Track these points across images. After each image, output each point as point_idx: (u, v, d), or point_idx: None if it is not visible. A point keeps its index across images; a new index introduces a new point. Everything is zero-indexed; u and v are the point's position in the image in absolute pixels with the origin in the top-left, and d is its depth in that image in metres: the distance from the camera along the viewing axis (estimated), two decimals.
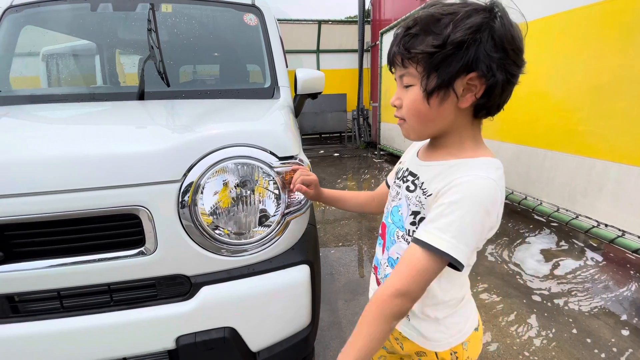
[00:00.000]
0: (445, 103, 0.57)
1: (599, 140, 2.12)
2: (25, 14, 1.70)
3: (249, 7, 1.73)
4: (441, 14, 0.54)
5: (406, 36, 0.57)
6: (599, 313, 1.80)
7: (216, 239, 0.86)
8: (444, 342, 0.68)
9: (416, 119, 0.60)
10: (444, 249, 0.53)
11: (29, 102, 1.42)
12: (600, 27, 2.08)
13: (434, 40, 0.54)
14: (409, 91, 0.59)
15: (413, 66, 0.57)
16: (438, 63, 0.54)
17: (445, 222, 0.54)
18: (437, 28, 0.54)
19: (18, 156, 0.77)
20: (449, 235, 0.53)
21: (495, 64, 0.53)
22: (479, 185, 0.54)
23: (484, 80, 0.54)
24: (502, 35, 0.52)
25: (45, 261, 0.78)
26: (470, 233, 0.54)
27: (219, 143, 0.85)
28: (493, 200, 0.54)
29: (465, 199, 0.54)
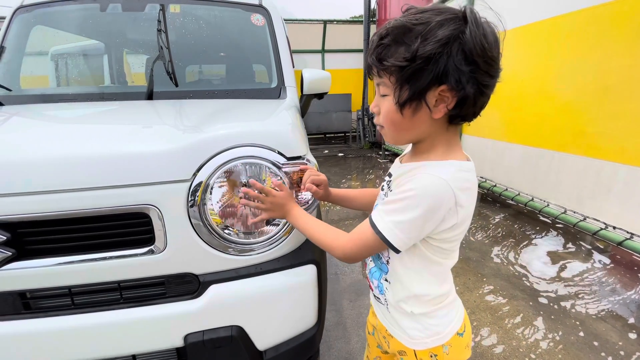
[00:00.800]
0: (418, 113, 0.58)
1: (608, 142, 2.10)
2: (35, 14, 1.72)
3: (256, 8, 1.73)
4: (413, 24, 0.53)
5: (379, 46, 0.57)
6: (606, 316, 1.79)
7: (224, 237, 0.87)
8: (420, 341, 0.69)
9: (391, 127, 0.62)
10: (380, 229, 0.60)
11: (40, 101, 1.44)
12: (609, 27, 2.06)
13: (405, 53, 0.54)
14: (385, 100, 0.61)
15: (386, 77, 0.58)
16: (409, 76, 0.54)
17: (391, 207, 0.60)
18: (409, 39, 0.53)
19: (31, 155, 0.78)
20: (389, 218, 0.60)
21: (465, 76, 0.52)
22: (427, 182, 0.57)
23: (454, 93, 0.54)
24: (472, 47, 0.51)
25: (56, 258, 0.79)
26: (409, 224, 0.58)
27: (228, 143, 0.86)
28: (439, 198, 0.56)
29: (412, 191, 0.57)
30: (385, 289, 0.71)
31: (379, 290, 0.73)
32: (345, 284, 2.13)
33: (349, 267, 2.35)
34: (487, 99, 0.58)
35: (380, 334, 0.79)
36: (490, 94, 0.57)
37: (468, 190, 0.59)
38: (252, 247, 0.91)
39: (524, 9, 2.67)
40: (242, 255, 0.90)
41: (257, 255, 0.92)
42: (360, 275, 2.26)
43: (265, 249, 0.92)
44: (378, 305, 0.77)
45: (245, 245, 0.90)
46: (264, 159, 0.88)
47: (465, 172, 0.60)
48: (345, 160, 6.33)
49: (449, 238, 0.62)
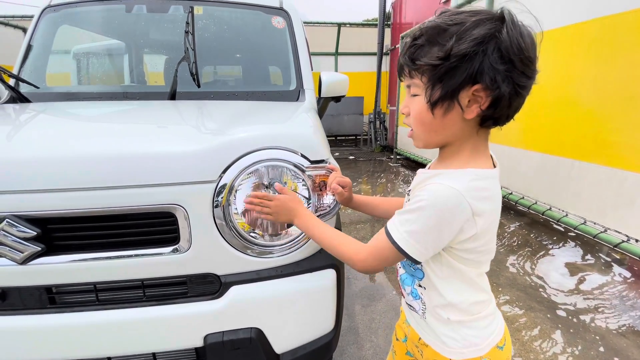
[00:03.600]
0: (449, 113, 0.57)
1: (632, 152, 2.03)
2: (62, 14, 1.76)
3: (277, 10, 1.74)
4: (447, 24, 0.53)
5: (412, 47, 0.57)
6: (626, 331, 1.73)
7: (247, 239, 0.87)
8: (456, 350, 0.67)
9: (421, 128, 0.61)
10: (396, 239, 0.60)
11: (65, 99, 1.47)
12: (635, 35, 2.01)
13: (438, 52, 0.53)
14: (415, 100, 0.60)
15: (418, 77, 0.58)
16: (442, 75, 0.54)
17: (406, 217, 0.60)
18: (443, 39, 0.53)
19: (62, 153, 0.79)
20: (403, 229, 0.59)
21: (500, 75, 0.52)
22: (438, 192, 0.56)
23: (489, 92, 0.53)
24: (508, 46, 0.51)
25: (83, 255, 0.81)
26: (423, 234, 0.58)
27: (253, 146, 0.86)
28: (451, 208, 0.56)
29: (423, 201, 0.57)
30: (420, 294, 0.70)
31: (413, 295, 0.71)
32: (357, 288, 2.12)
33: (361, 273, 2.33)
34: (523, 101, 0.56)
35: (412, 343, 0.76)
36: (526, 95, 0.56)
37: (487, 199, 0.58)
38: (272, 249, 0.91)
39: (547, 15, 2.63)
40: (262, 258, 0.90)
41: (277, 258, 0.92)
42: (372, 281, 2.24)
43: (285, 252, 0.92)
44: (411, 313, 0.75)
45: (266, 248, 0.90)
46: (288, 162, 0.88)
47: (482, 180, 0.58)
48: (356, 164, 6.31)
49: (472, 248, 0.61)
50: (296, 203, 0.80)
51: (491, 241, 0.63)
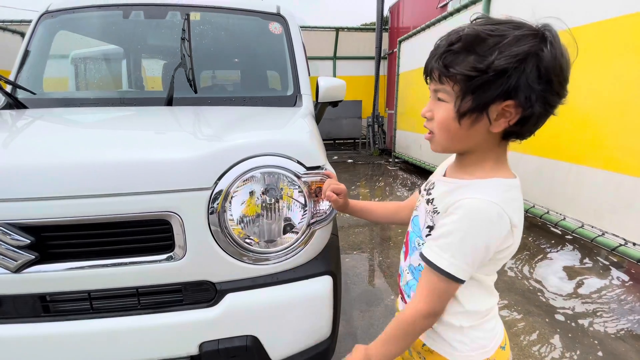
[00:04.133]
0: (476, 125, 0.56)
1: (629, 156, 2.04)
2: (60, 20, 1.76)
3: (274, 16, 1.75)
4: (488, 35, 0.51)
5: (447, 52, 0.55)
6: (625, 336, 1.73)
7: (242, 245, 0.87)
8: (465, 354, 0.66)
9: (445, 135, 0.60)
10: (444, 267, 0.56)
11: (62, 105, 1.47)
12: (630, 39, 2.02)
13: (475, 63, 0.52)
14: (442, 106, 0.59)
15: (450, 84, 0.56)
16: (476, 87, 0.53)
17: (445, 242, 0.57)
18: (481, 49, 0.52)
19: (56, 160, 0.79)
20: (448, 254, 0.56)
21: (535, 95, 0.51)
22: (478, 207, 0.55)
23: (520, 110, 0.53)
24: (549, 66, 0.50)
25: (78, 263, 0.80)
26: (469, 253, 0.56)
27: (248, 152, 0.86)
28: (492, 222, 0.55)
29: (464, 220, 0.55)
30: None
31: None
32: (355, 293, 2.11)
33: (359, 277, 2.33)
34: (547, 119, 0.56)
35: (414, 350, 0.75)
36: (552, 114, 0.56)
37: (519, 209, 0.58)
38: (268, 256, 0.90)
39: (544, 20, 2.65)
40: (258, 265, 0.90)
41: (273, 265, 0.91)
42: (371, 286, 2.24)
43: (281, 259, 0.91)
44: None
45: (261, 255, 0.90)
46: (284, 169, 0.88)
47: (513, 190, 0.58)
48: (354, 167, 6.32)
49: (503, 257, 0.61)
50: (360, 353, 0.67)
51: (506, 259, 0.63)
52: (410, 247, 0.72)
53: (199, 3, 1.71)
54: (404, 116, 5.94)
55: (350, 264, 2.52)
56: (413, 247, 0.70)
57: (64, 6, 1.74)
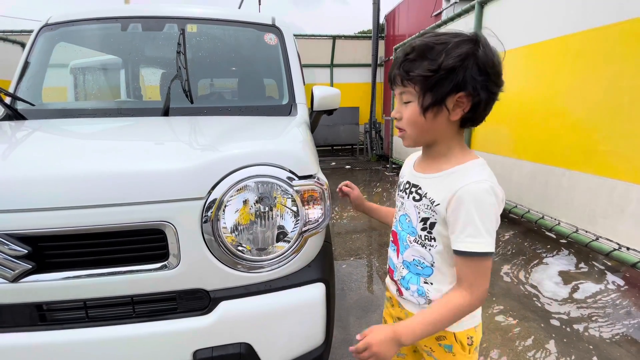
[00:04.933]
0: (438, 117, 0.68)
1: (620, 161, 2.07)
2: (60, 32, 1.80)
3: (269, 27, 1.79)
4: (435, 43, 0.65)
5: (405, 61, 0.68)
6: (620, 340, 1.73)
7: (235, 254, 0.88)
8: (459, 323, 0.74)
9: (414, 129, 0.72)
10: (484, 249, 0.65)
11: (61, 115, 1.49)
12: (619, 46, 2.07)
13: (429, 65, 0.64)
14: (408, 106, 0.71)
15: (411, 86, 0.68)
16: (433, 84, 0.65)
17: (472, 229, 0.65)
18: (432, 55, 0.64)
19: (52, 172, 0.81)
20: (481, 238, 0.65)
21: (479, 85, 0.64)
22: (479, 190, 0.66)
23: (470, 98, 0.66)
24: (485, 62, 0.64)
25: (74, 272, 0.82)
26: (492, 227, 0.66)
27: (242, 162, 0.88)
28: (491, 196, 0.66)
29: (475, 204, 0.65)
30: (427, 290, 0.76)
31: (419, 293, 0.77)
32: (352, 300, 2.11)
33: (356, 284, 2.33)
34: (493, 105, 0.70)
35: None
36: (496, 100, 0.69)
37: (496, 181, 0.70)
38: (261, 264, 0.92)
39: (534, 28, 2.70)
40: (252, 272, 0.92)
41: (266, 273, 0.93)
42: (367, 292, 2.24)
43: (274, 267, 0.93)
44: (411, 305, 0.80)
45: (255, 263, 0.91)
46: (277, 178, 0.90)
47: (486, 166, 0.71)
48: (352, 173, 6.34)
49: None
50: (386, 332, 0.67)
51: None
52: (402, 245, 0.80)
53: (196, 15, 1.75)
54: None
55: (347, 271, 2.53)
56: (404, 244, 0.79)
57: (64, 19, 1.78)
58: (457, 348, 0.77)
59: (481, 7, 3.29)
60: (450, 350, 0.77)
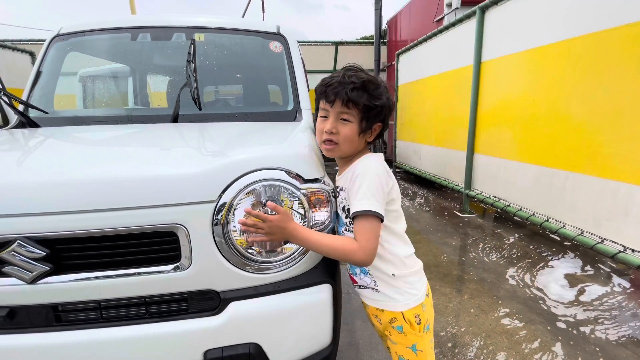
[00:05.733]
0: (362, 137, 0.92)
1: (623, 163, 2.08)
2: (71, 42, 1.85)
3: (274, 35, 1.83)
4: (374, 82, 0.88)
5: (353, 89, 0.85)
6: (627, 342, 1.73)
7: (244, 255, 0.91)
8: (404, 303, 0.90)
9: (349, 145, 0.91)
10: (368, 207, 0.81)
11: (73, 123, 1.54)
12: (621, 50, 2.09)
13: (370, 99, 0.86)
14: (347, 125, 0.89)
15: (355, 110, 0.87)
16: (372, 114, 0.88)
17: (361, 193, 0.83)
18: (372, 90, 0.87)
19: (69, 177, 0.84)
20: (366, 199, 0.82)
21: (387, 119, 0.93)
22: (367, 164, 0.88)
23: (381, 126, 0.94)
24: (391, 104, 0.92)
25: (89, 273, 0.84)
26: (378, 192, 0.83)
27: (250, 166, 0.91)
28: (380, 170, 0.87)
29: (364, 175, 0.84)
30: (367, 269, 0.94)
31: (364, 272, 0.95)
32: (357, 303, 2.12)
33: None
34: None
35: (372, 315, 0.98)
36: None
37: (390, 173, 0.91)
38: (269, 265, 0.94)
39: (535, 32, 2.73)
40: (260, 274, 0.94)
41: (274, 274, 0.95)
42: None
43: (282, 268, 0.95)
44: (365, 292, 0.97)
45: (263, 264, 0.93)
46: (284, 181, 0.92)
47: (381, 156, 0.94)
48: None
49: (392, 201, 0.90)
50: (288, 222, 0.84)
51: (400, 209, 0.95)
52: None
53: (204, 25, 1.80)
54: (404, 127, 6.01)
55: None
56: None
57: (75, 29, 1.83)
58: (406, 327, 0.91)
59: (482, 12, 3.33)
60: (402, 331, 0.91)
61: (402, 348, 0.93)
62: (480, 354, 1.66)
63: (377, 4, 7.15)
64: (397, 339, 0.93)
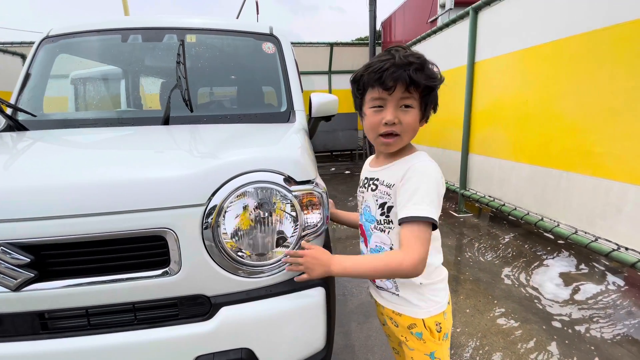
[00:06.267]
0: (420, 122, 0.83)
1: (616, 162, 2.09)
2: (60, 44, 1.83)
3: (267, 37, 1.82)
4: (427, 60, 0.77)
5: (416, 70, 0.74)
6: (622, 340, 1.73)
7: (235, 259, 0.89)
8: (426, 310, 0.85)
9: (410, 135, 0.81)
10: (425, 214, 0.73)
11: (62, 126, 1.51)
12: (612, 50, 2.10)
13: (429, 80, 0.76)
14: (409, 112, 0.78)
15: (415, 93, 0.77)
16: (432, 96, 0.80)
17: (418, 197, 0.75)
18: (430, 70, 0.77)
19: (54, 181, 0.82)
20: (424, 205, 0.74)
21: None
22: (427, 166, 0.79)
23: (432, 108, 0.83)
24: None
25: (76, 280, 0.82)
26: (435, 197, 0.76)
27: (241, 169, 0.89)
28: (440, 174, 0.80)
29: (423, 177, 0.76)
30: None
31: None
32: (353, 305, 2.11)
33: (357, 289, 2.33)
34: None
35: (386, 316, 0.94)
36: None
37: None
38: (262, 269, 0.93)
39: (528, 32, 2.74)
40: (252, 278, 0.92)
41: (266, 278, 0.93)
42: (368, 297, 2.24)
43: (274, 272, 0.94)
44: (384, 293, 0.92)
45: (256, 268, 0.92)
46: (276, 184, 0.91)
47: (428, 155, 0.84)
48: (352, 178, 6.35)
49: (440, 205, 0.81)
50: (324, 254, 0.85)
51: None
52: (368, 235, 0.91)
53: (195, 26, 1.78)
54: None
55: None
56: (369, 233, 0.90)
57: (64, 31, 1.81)
58: (426, 334, 0.86)
59: (475, 13, 3.35)
60: (421, 337, 0.86)
61: (419, 355, 0.88)
62: (476, 355, 1.65)
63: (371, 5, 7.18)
64: (415, 345, 0.88)
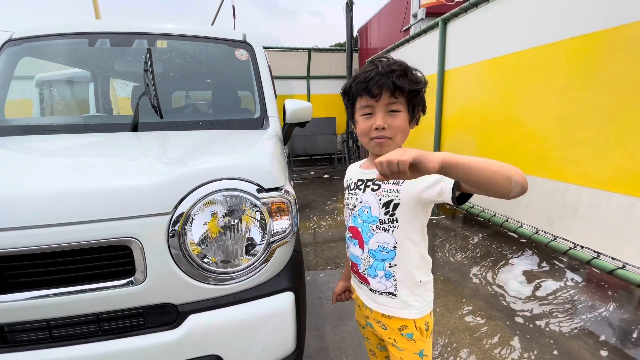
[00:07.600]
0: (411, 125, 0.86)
1: (571, 166, 2.25)
2: (24, 47, 1.77)
3: (240, 44, 1.84)
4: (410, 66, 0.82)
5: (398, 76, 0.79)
6: (579, 334, 1.86)
7: (203, 267, 0.90)
8: (419, 310, 0.87)
9: (402, 136, 0.84)
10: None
11: (24, 132, 1.46)
12: (566, 62, 2.26)
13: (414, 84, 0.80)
14: (397, 116, 0.82)
15: (401, 98, 0.81)
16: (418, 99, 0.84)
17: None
18: (413, 75, 0.82)
19: (13, 191, 0.81)
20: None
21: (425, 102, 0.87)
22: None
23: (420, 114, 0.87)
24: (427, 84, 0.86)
25: (37, 292, 0.81)
26: None
27: (209, 176, 0.91)
28: None
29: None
30: (393, 272, 0.86)
31: (386, 276, 0.86)
32: (328, 308, 2.14)
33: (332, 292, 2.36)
34: None
35: (373, 319, 0.93)
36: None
37: None
38: (231, 276, 0.94)
39: (491, 44, 2.90)
40: (222, 285, 0.93)
41: (235, 284, 0.95)
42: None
43: (243, 278, 0.95)
44: (378, 297, 0.89)
45: (225, 275, 0.93)
46: (244, 191, 0.93)
47: None
48: (331, 182, 6.41)
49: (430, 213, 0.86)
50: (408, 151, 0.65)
51: None
52: (365, 236, 0.88)
53: (166, 31, 1.77)
54: None
55: (324, 279, 2.55)
56: (368, 235, 0.87)
57: (28, 34, 1.75)
58: (416, 334, 0.88)
59: (444, 24, 3.50)
60: (411, 338, 0.88)
61: (409, 354, 0.89)
62: (444, 352, 1.72)
63: (348, 12, 7.31)
64: (405, 346, 0.89)
